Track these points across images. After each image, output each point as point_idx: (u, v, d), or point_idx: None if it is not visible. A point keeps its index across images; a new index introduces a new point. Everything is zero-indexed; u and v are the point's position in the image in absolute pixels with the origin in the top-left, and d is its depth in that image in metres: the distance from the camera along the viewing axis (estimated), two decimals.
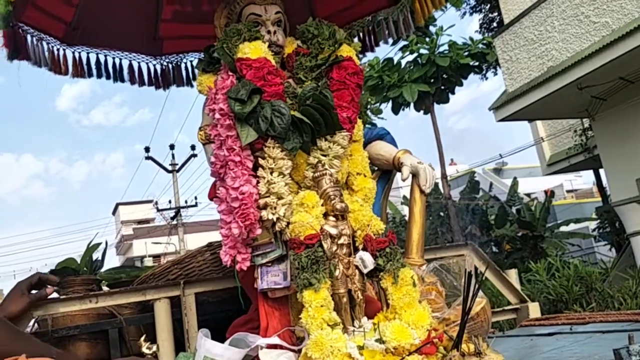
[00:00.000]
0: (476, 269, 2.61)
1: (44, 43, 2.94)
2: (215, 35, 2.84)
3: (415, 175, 2.63)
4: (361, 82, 2.57)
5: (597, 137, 10.48)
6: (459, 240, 14.35)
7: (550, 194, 18.21)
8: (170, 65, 3.46)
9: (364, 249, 2.19)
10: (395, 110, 13.45)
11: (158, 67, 3.42)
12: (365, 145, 2.67)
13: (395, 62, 13.08)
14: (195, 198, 25.17)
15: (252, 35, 2.49)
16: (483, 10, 18.53)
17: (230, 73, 2.42)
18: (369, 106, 15.96)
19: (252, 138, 2.24)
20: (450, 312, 2.11)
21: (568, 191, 32.53)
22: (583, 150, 12.04)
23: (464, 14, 18.63)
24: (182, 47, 3.44)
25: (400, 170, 2.67)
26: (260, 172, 2.26)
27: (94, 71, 3.19)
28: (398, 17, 3.21)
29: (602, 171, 12.31)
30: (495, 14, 17.32)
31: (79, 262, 3.17)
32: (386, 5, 3.26)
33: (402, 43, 12.29)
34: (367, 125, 2.82)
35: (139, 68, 3.36)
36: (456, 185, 23.43)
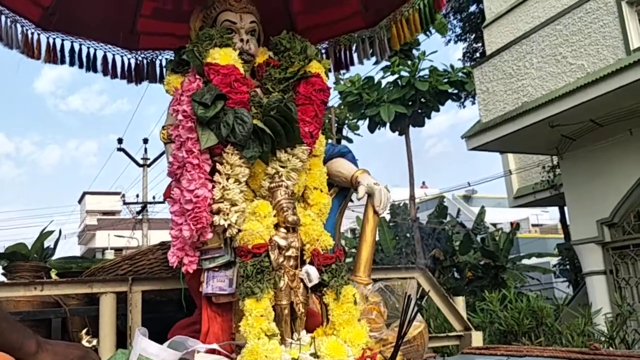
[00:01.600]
0: (422, 293, 2.67)
1: (18, 25, 2.91)
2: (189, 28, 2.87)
3: (370, 195, 2.67)
4: (327, 99, 2.62)
5: (564, 175, 10.68)
6: (422, 262, 14.45)
7: (515, 226, 18.44)
8: (145, 61, 3.46)
9: (311, 263, 2.22)
10: (371, 129, 13.54)
11: (133, 61, 3.42)
12: (326, 161, 2.71)
13: (375, 81, 13.19)
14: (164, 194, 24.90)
15: (224, 42, 2.51)
16: (468, 40, 18.83)
17: (197, 76, 2.44)
18: (346, 121, 16.04)
19: (212, 142, 2.26)
20: (388, 332, 2.14)
21: (533, 225, 32.97)
22: (550, 186, 12.24)
23: (449, 41, 18.90)
24: (158, 43, 3.44)
25: (357, 189, 2.71)
26: (216, 177, 2.28)
27: (67, 59, 3.18)
28: (374, 39, 3.28)
29: (566, 209, 12.54)
30: (480, 44, 17.60)
31: (29, 248, 3.13)
32: (363, 26, 3.31)
33: (384, 63, 12.45)
34: (329, 142, 2.85)
35: (113, 60, 3.35)
36: (425, 208, 23.61)
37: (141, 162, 24.66)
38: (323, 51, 3.45)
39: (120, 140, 23.18)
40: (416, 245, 14.32)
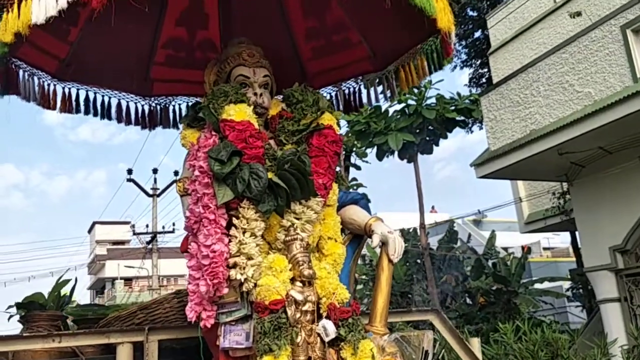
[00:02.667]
0: (436, 340, 2.68)
1: (35, 78, 2.98)
2: (203, 81, 2.93)
3: (384, 243, 2.67)
4: (339, 150, 2.67)
5: (574, 202, 10.64)
6: (433, 290, 14.35)
7: (526, 251, 18.33)
8: (158, 107, 3.53)
9: (328, 317, 2.23)
10: (380, 157, 13.57)
11: (146, 107, 3.49)
12: (339, 208, 2.74)
13: (383, 109, 13.25)
14: (173, 224, 24.99)
15: (238, 98, 2.57)
16: (474, 65, 18.93)
17: (213, 132, 2.50)
18: (354, 149, 16.09)
19: (228, 198, 2.30)
20: None
21: (545, 248, 32.72)
22: (560, 212, 12.18)
23: (455, 67, 19.02)
24: (172, 90, 3.51)
25: (371, 237, 2.71)
26: (232, 231, 2.31)
27: (82, 107, 3.24)
28: (383, 83, 3.33)
29: (577, 234, 12.47)
30: (485, 69, 17.69)
31: (46, 297, 3.17)
32: (371, 70, 3.37)
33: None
34: (342, 188, 2.87)
35: (127, 107, 3.42)
36: (435, 232, 23.51)
37: (151, 192, 24.78)
38: (333, 93, 3.53)
39: (130, 171, 23.32)
40: (428, 272, 14.24)
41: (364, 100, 3.50)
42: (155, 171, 24.58)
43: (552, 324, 12.71)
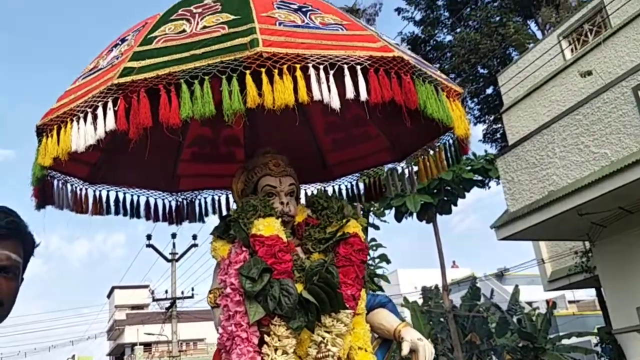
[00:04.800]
0: None
1: (69, 185, 3.02)
2: (229, 174, 3.01)
3: (414, 351, 2.65)
4: (365, 259, 2.68)
5: (597, 262, 10.50)
6: (459, 352, 14.08)
7: (552, 305, 17.99)
8: (185, 202, 3.56)
9: None
10: (398, 219, 13.57)
11: (173, 203, 3.52)
12: (367, 312, 2.74)
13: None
14: (192, 289, 24.96)
15: (267, 212, 2.60)
16: (487, 121, 19.06)
17: (244, 248, 2.53)
18: (372, 209, 16.10)
19: (260, 316, 2.33)
20: None
21: (570, 302, 32.07)
22: (584, 270, 12.02)
23: (468, 123, 19.14)
24: (197, 184, 3.56)
25: (400, 343, 2.70)
26: (264, 349, 2.33)
27: (112, 208, 3.28)
28: (403, 173, 3.37)
29: (602, 290, 12.24)
30: (499, 125, 17.80)
31: None
32: (390, 160, 3.42)
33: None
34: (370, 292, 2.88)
35: (155, 204, 3.45)
36: (457, 289, 23.19)
37: (169, 257, 24.81)
38: (354, 182, 3.57)
39: (149, 237, 23.43)
40: (452, 334, 14.00)
41: (384, 189, 3.53)
42: (174, 236, 24.65)
43: None
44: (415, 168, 3.29)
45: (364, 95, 2.18)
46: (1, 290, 1.53)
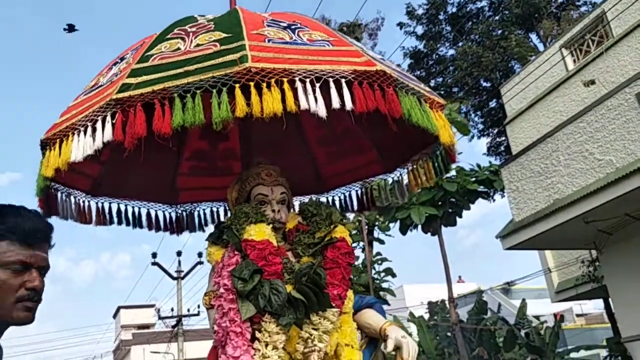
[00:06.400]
0: None
1: (72, 197, 3.14)
2: (227, 186, 3.12)
3: (399, 347, 2.76)
4: (352, 261, 2.85)
5: (605, 270, 10.44)
6: None
7: (560, 319, 17.86)
8: (184, 213, 3.69)
9: None
10: (403, 231, 13.53)
11: (173, 214, 3.65)
12: (355, 312, 2.90)
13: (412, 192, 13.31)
14: (198, 307, 24.83)
15: (258, 219, 2.76)
16: (491, 134, 19.09)
17: (236, 252, 2.69)
18: (376, 223, 16.08)
19: (251, 313, 2.50)
20: None
21: (578, 315, 31.86)
22: (591, 280, 11.94)
23: (472, 137, 19.17)
24: (196, 197, 3.69)
25: (385, 341, 2.82)
26: (256, 344, 2.49)
27: (115, 219, 3.40)
28: (393, 184, 3.51)
29: (610, 301, 12.16)
30: (503, 138, 17.83)
31: None
32: (382, 172, 3.56)
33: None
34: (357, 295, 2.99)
35: (156, 216, 3.58)
36: (464, 304, 23.07)
37: (175, 274, 24.78)
38: (347, 194, 3.72)
39: (154, 255, 23.42)
40: (459, 348, 13.89)
41: (376, 200, 3.69)
42: (179, 254, 24.67)
43: None
44: (406, 179, 3.42)
45: (349, 105, 2.29)
46: (42, 289, 1.70)
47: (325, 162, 3.66)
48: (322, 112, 2.25)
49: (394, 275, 17.37)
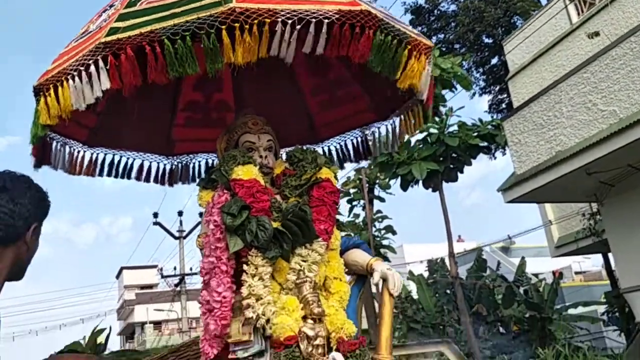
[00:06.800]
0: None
1: (67, 147, 3.17)
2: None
3: (385, 280, 2.88)
4: (337, 200, 2.98)
5: (606, 222, 10.45)
6: (466, 319, 14.13)
7: (558, 276, 17.99)
8: (180, 165, 3.74)
9: (337, 349, 2.50)
10: (404, 187, 13.47)
11: (168, 166, 3.69)
12: (343, 253, 3.02)
13: (405, 139, 13.21)
14: None
15: (246, 160, 2.87)
16: (492, 92, 18.93)
17: (225, 191, 2.79)
18: (377, 181, 16.03)
19: (239, 247, 2.60)
20: None
21: (576, 273, 32.11)
22: (591, 234, 11.98)
23: (474, 94, 19.02)
24: (192, 148, 3.74)
25: (372, 275, 2.94)
26: (244, 277, 2.61)
27: (105, 171, 3.43)
28: (387, 131, 3.57)
29: (610, 255, 12.22)
30: (505, 95, 17.69)
31: (84, 345, 3.33)
32: (375, 119, 3.61)
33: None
34: (344, 234, 3.14)
35: (149, 167, 3.62)
36: (463, 262, 23.22)
37: (177, 234, 24.89)
38: (342, 143, 3.77)
39: (155, 215, 23.49)
40: (458, 303, 13.99)
41: (371, 148, 3.74)
42: (180, 214, 24.74)
43: (590, 349, 12.40)
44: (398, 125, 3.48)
45: (320, 50, 2.37)
46: None
47: (318, 111, 3.71)
48: (289, 58, 2.34)
49: (394, 233, 17.40)
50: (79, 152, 3.25)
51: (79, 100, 2.40)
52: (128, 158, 3.51)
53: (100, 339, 3.44)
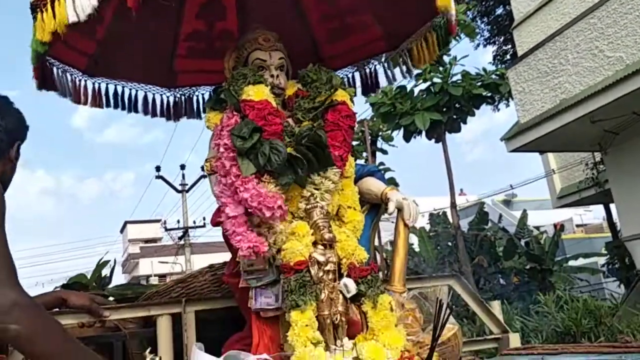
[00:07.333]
0: (457, 298, 3.00)
1: (68, 74, 3.11)
2: (224, 67, 3.05)
3: (400, 209, 2.81)
4: (353, 124, 2.83)
5: (609, 171, 10.42)
6: (468, 268, 14.23)
7: (559, 228, 18.06)
8: (183, 98, 3.64)
9: (348, 275, 2.43)
10: (407, 138, 13.43)
11: (171, 98, 3.60)
12: (357, 181, 2.91)
13: (408, 90, 13.08)
14: (204, 219, 25.20)
15: (257, 80, 2.73)
16: (497, 43, 18.63)
17: (235, 112, 2.67)
18: (380, 133, 15.95)
19: (251, 171, 2.48)
20: (423, 336, 2.34)
21: (578, 225, 32.25)
22: (594, 184, 11.96)
23: (478, 45, 18.74)
24: (195, 80, 3.63)
25: (387, 204, 2.86)
26: None
27: (112, 102, 3.36)
28: (398, 62, 3.42)
29: (612, 206, 12.21)
30: (509, 46, 17.41)
31: (89, 277, 3.33)
32: (386, 49, 3.46)
33: (416, 71, 12.22)
34: (359, 162, 2.99)
35: (153, 99, 3.53)
36: (465, 215, 23.28)
37: (180, 188, 24.98)
38: (350, 75, 3.62)
39: (158, 168, 23.55)
40: (460, 254, 14.08)
41: (381, 79, 3.58)
42: (182, 167, 24.83)
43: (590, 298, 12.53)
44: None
45: None
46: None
47: (327, 41, 3.53)
48: None
49: (397, 185, 17.41)
50: (80, 80, 3.17)
51: (77, 10, 2.28)
52: (131, 89, 3.43)
53: (105, 272, 3.44)
